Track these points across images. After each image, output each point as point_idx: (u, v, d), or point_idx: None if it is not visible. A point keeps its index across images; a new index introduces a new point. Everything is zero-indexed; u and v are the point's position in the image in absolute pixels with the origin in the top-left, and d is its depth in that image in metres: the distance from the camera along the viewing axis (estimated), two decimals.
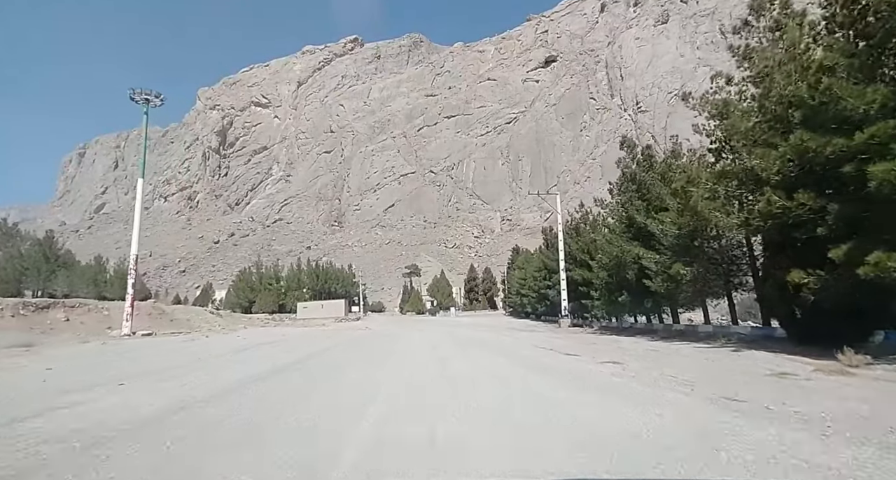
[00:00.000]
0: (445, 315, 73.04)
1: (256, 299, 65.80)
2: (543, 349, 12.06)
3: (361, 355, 12.26)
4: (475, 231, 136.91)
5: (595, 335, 20.24)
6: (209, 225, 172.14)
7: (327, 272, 71.43)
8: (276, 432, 4.12)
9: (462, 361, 10.05)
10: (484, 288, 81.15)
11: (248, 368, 9.16)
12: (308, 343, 17.17)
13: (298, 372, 8.92)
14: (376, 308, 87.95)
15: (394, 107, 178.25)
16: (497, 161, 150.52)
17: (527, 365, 9.33)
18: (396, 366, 9.47)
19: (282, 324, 39.32)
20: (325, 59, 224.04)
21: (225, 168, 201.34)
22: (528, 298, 41.85)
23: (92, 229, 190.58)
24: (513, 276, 54.06)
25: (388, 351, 13.27)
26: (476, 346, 13.73)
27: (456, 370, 8.57)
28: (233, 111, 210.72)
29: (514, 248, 65.90)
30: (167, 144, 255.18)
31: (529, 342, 14.77)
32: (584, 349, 12.03)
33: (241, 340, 18.37)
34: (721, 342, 13.24)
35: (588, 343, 14.34)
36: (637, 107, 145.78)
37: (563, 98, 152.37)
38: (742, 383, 6.52)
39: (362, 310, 70.35)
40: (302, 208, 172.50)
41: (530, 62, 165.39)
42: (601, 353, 11.11)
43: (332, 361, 10.99)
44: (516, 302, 50.91)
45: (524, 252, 55.24)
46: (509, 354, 11.25)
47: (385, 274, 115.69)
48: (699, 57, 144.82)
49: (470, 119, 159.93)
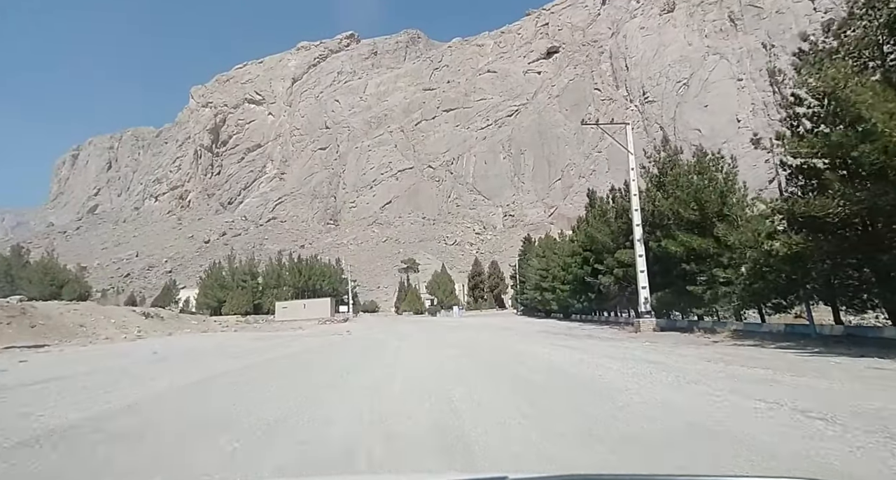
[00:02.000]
0: (447, 314, 65.25)
1: (227, 298, 58.70)
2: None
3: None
4: (476, 227, 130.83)
5: (759, 350, 10.47)
6: (200, 224, 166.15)
7: (312, 267, 64.14)
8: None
9: None
10: (491, 285, 73.69)
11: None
12: (203, 364, 10.88)
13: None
14: (369, 307, 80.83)
15: (391, 101, 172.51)
16: (498, 155, 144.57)
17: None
18: None
19: (247, 329, 33.06)
20: (320, 55, 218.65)
21: (217, 166, 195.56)
22: (557, 292, 33.88)
23: (80, 230, 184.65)
24: (528, 268, 46.14)
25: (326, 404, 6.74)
26: (550, 384, 6.83)
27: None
28: (226, 108, 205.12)
29: (525, 238, 59.49)
30: (161, 145, 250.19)
31: (650, 372, 7.31)
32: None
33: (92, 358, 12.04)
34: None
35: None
36: (644, 97, 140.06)
37: (567, 89, 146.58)
38: None
39: (352, 310, 62.81)
40: (296, 206, 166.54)
41: (531, 53, 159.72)
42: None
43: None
44: (534, 298, 43.23)
45: (539, 241, 48.10)
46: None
47: (382, 272, 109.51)
48: (708, 45, 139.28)
49: (470, 112, 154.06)
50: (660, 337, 15.49)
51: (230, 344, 17.68)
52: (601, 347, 12.36)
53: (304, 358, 12.05)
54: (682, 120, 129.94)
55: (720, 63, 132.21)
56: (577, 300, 31.27)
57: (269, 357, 12.24)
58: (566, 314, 36.41)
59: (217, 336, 23.47)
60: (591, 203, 30.18)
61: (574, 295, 30.88)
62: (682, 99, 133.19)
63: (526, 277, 47.80)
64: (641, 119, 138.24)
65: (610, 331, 19.72)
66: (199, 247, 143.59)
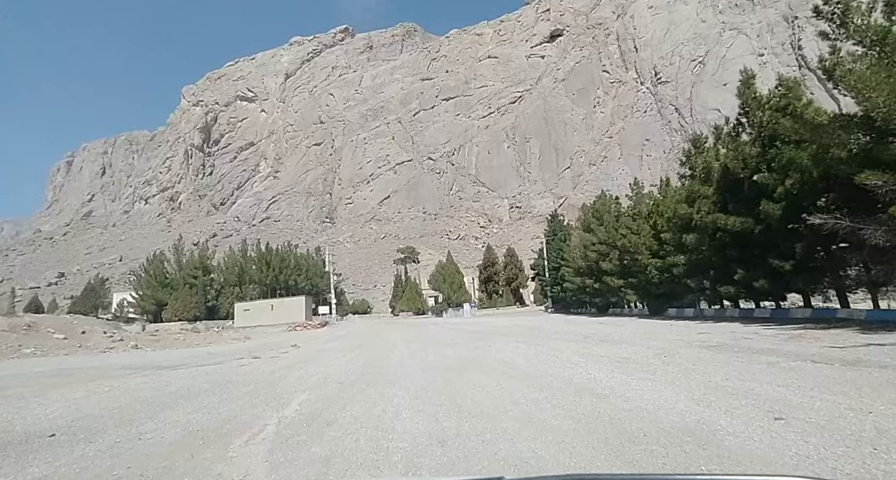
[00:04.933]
0: (457, 313, 54.12)
1: (171, 300, 48.26)
2: None
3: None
4: (481, 220, 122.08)
5: None
6: (191, 226, 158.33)
7: (284, 259, 54.06)
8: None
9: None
10: (508, 277, 60.75)
11: None
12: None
13: None
14: (360, 308, 69.42)
15: (387, 93, 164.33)
16: (502, 144, 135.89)
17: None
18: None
19: (177, 343, 24.29)
20: (314, 50, 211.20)
21: (209, 166, 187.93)
22: (641, 272, 23.92)
23: (67, 236, 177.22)
24: (567, 249, 34.53)
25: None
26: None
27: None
28: (217, 106, 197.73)
29: (551, 214, 50.05)
30: (155, 148, 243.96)
31: None
32: None
33: None
34: None
35: None
36: (657, 78, 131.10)
37: (573, 72, 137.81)
38: None
39: (335, 312, 50.91)
40: (291, 205, 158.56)
41: (534, 37, 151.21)
42: None
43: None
44: (579, 289, 32.10)
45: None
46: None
47: (380, 270, 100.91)
48: (723, 21, 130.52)
49: (470, 100, 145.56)
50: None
51: None
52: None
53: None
54: (699, 100, 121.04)
55: (738, 39, 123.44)
56: (700, 278, 20.09)
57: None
58: (656, 309, 25.53)
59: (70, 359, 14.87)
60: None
61: (697, 271, 19.93)
62: (698, 78, 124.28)
63: (565, 260, 36.07)
64: (654, 101, 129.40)
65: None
66: (188, 250, 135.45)
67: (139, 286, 51.82)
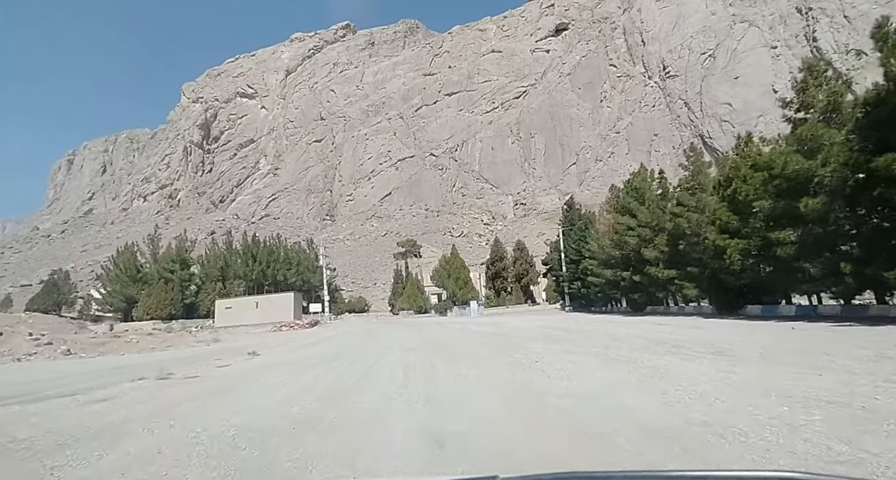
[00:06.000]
0: (463, 312, 49.52)
1: (142, 296, 43.98)
2: None
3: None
4: (485, 217, 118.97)
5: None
6: (189, 224, 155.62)
7: (273, 252, 50.48)
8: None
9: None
10: (517, 272, 56.33)
11: None
12: None
13: None
14: (357, 306, 66.10)
15: (389, 88, 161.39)
16: (506, 139, 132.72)
17: None
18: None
19: (130, 346, 21.17)
20: (315, 46, 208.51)
21: (209, 164, 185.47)
22: (690, 267, 19.51)
23: (65, 234, 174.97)
24: (597, 239, 29.30)
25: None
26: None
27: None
28: (217, 103, 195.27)
29: (567, 202, 46.70)
30: (155, 146, 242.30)
31: None
32: None
33: None
34: None
35: None
36: (665, 72, 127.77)
37: (579, 66, 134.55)
38: None
39: (328, 309, 47.12)
40: (291, 202, 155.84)
41: (539, 31, 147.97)
42: None
43: None
44: (608, 283, 27.82)
45: (589, 214, 33.17)
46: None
47: (380, 267, 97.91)
48: (734, 13, 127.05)
49: (474, 95, 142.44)
50: None
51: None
52: None
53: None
54: (710, 94, 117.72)
55: (750, 31, 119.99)
56: (824, 261, 14.47)
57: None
58: (727, 305, 19.65)
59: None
60: None
61: (818, 249, 14.41)
62: (709, 71, 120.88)
63: (589, 251, 31.32)
64: (663, 95, 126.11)
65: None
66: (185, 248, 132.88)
67: (107, 280, 48.31)
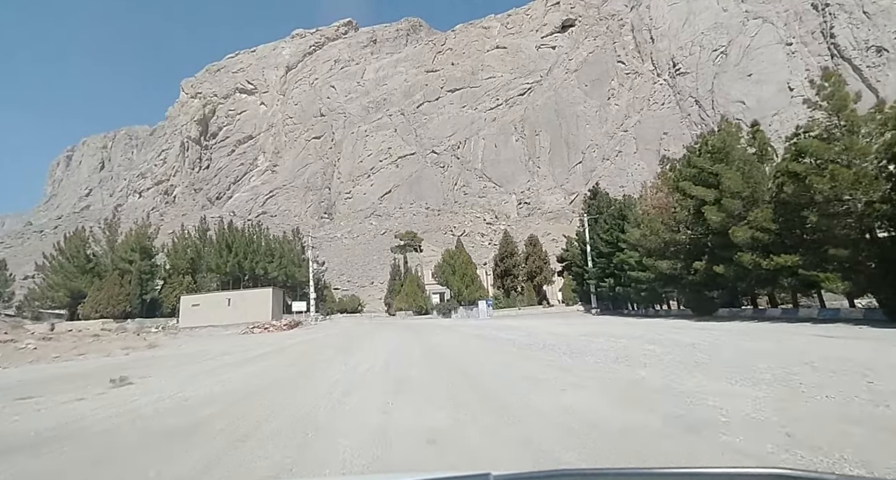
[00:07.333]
0: (469, 313, 44.31)
1: (91, 290, 37.37)
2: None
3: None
4: (487, 217, 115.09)
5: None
6: (184, 220, 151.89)
7: (251, 242, 45.22)
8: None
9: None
10: (530, 270, 51.36)
11: None
12: None
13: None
14: (349, 305, 61.55)
15: (390, 85, 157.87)
16: (510, 137, 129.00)
17: None
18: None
19: (33, 354, 17.20)
20: (316, 43, 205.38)
21: (206, 160, 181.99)
22: (834, 250, 13.80)
23: (58, 229, 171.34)
24: (646, 223, 22.32)
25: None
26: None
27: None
28: (215, 99, 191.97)
29: (591, 190, 42.51)
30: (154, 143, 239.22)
31: None
32: None
33: None
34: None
35: None
36: (675, 69, 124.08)
37: (586, 63, 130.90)
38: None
39: (315, 308, 42.83)
40: (289, 200, 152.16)
41: (545, 27, 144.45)
42: None
43: None
44: (651, 277, 21.94)
45: (619, 201, 27.87)
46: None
47: (378, 266, 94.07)
48: (746, 10, 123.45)
49: (477, 92, 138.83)
50: None
51: None
52: None
53: None
54: (722, 92, 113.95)
55: (764, 27, 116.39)
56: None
57: None
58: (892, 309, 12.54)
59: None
60: None
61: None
62: (721, 69, 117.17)
63: (626, 243, 26.20)
64: (673, 93, 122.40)
65: None
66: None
67: (48, 271, 43.58)
